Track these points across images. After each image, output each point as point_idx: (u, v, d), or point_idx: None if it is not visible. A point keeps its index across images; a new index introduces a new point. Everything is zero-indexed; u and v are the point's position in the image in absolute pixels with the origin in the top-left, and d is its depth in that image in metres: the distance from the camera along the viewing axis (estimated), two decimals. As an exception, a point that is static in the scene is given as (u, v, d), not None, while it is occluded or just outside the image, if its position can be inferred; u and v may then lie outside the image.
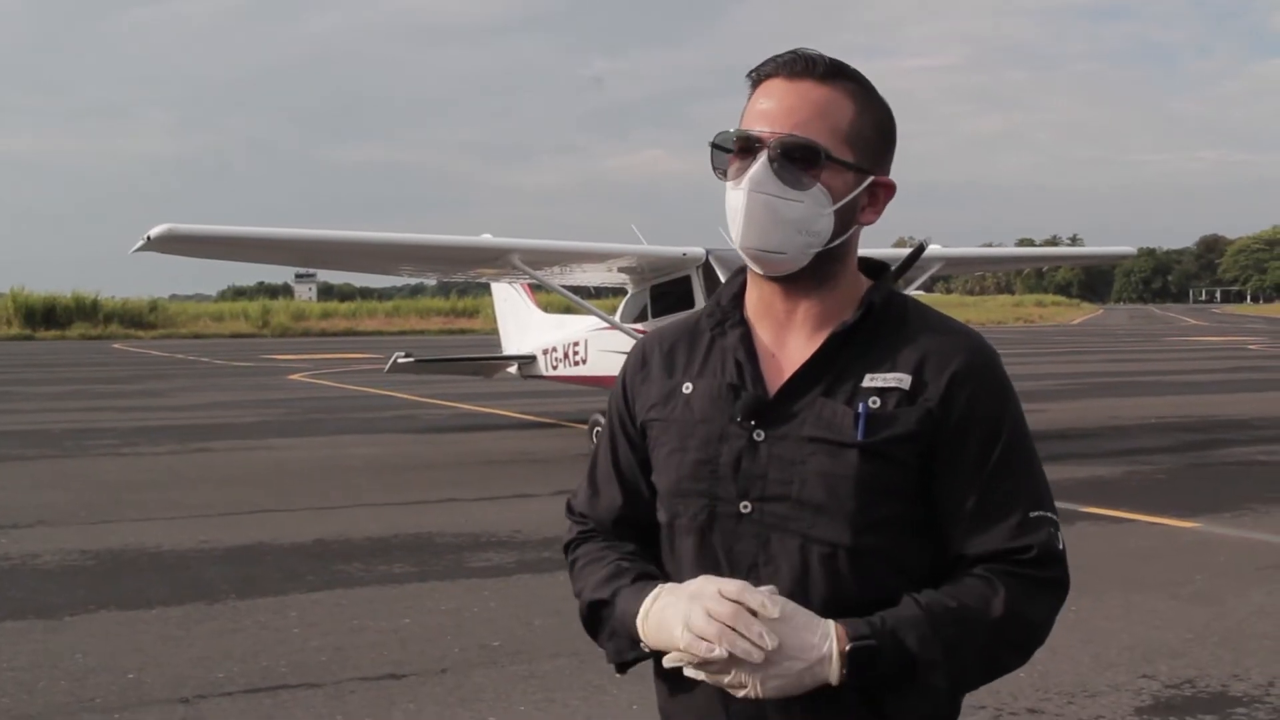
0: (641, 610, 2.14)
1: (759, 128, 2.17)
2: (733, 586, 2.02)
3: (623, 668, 2.28)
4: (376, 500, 12.77)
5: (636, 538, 2.38)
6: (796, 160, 2.14)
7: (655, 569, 2.30)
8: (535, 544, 10.17)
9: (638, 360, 2.41)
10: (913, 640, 2.05)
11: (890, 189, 2.26)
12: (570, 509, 2.51)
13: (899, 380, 2.16)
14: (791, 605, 2.04)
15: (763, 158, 2.15)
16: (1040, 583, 2.17)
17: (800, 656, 2.01)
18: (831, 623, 2.05)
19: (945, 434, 2.15)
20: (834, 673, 2.02)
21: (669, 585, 2.15)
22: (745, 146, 2.18)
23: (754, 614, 1.99)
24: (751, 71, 2.24)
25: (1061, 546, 2.20)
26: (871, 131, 2.21)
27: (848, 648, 2.03)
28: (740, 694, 2.02)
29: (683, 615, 2.04)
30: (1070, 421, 20.15)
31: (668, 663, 2.08)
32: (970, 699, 6.54)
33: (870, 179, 2.22)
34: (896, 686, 2.07)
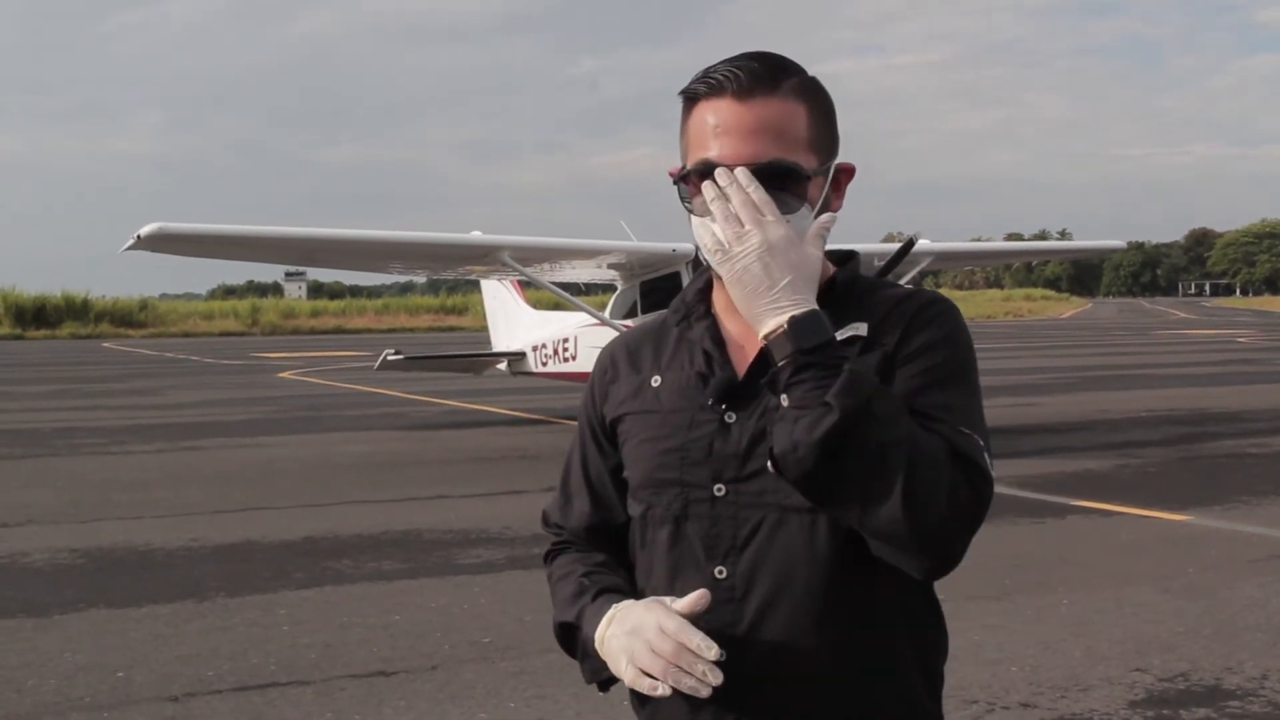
0: (597, 637, 2.15)
1: (722, 156, 2.09)
2: (672, 624, 2.00)
3: (603, 686, 2.25)
4: (366, 497, 12.74)
5: (608, 545, 2.36)
6: (778, 186, 2.07)
7: (620, 580, 2.28)
8: (525, 540, 10.14)
9: (605, 364, 2.40)
10: (857, 363, 1.95)
11: (850, 173, 2.24)
12: (546, 519, 2.49)
13: (855, 329, 2.11)
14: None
15: None
16: (960, 462, 1.98)
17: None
18: None
19: (897, 363, 2.09)
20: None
21: (621, 608, 2.12)
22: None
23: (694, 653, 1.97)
24: (687, 89, 2.15)
25: (988, 467, 2.03)
26: (825, 125, 2.18)
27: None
28: (704, 693, 1.97)
29: (625, 650, 2.04)
30: (1060, 415, 20.15)
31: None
32: (961, 694, 6.49)
33: (832, 171, 2.19)
34: (829, 392, 1.91)
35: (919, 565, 2.00)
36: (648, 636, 2.01)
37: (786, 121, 2.11)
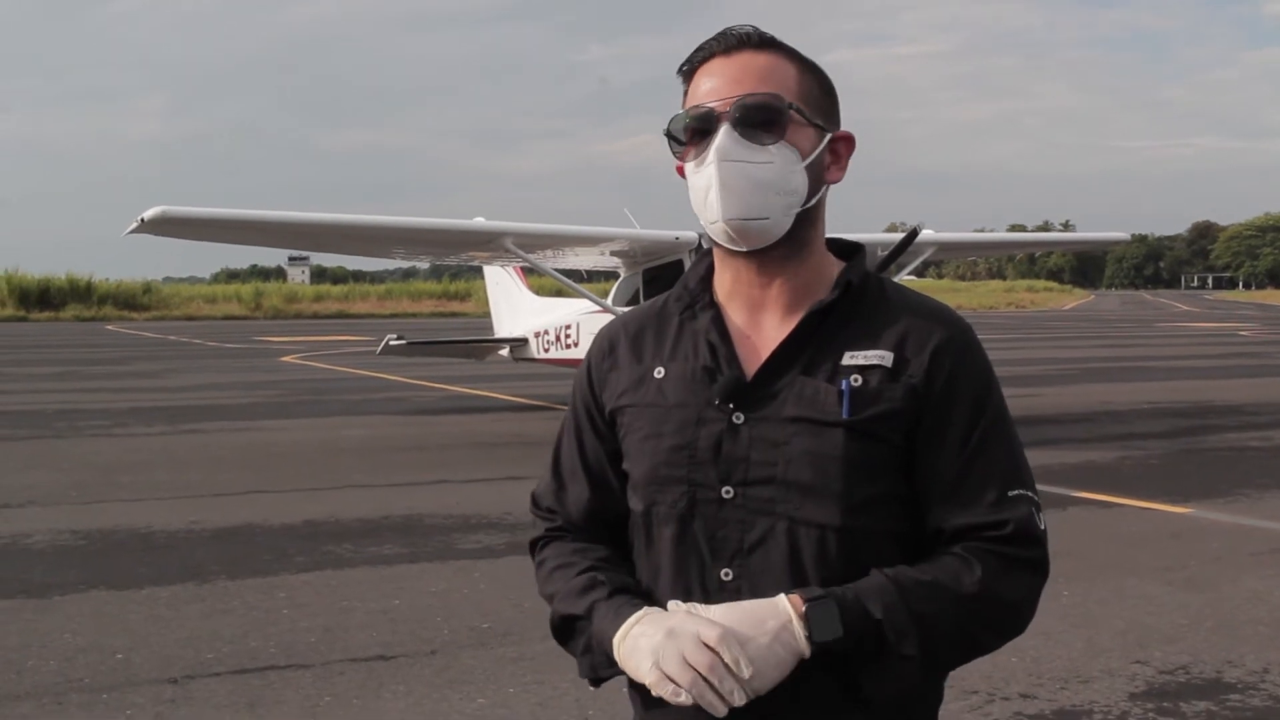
0: (620, 632, 2.07)
1: (707, 97, 2.13)
2: (713, 634, 1.94)
3: (597, 682, 2.23)
4: (367, 481, 12.75)
5: (607, 533, 2.31)
6: (758, 121, 2.11)
7: (631, 579, 2.24)
8: (525, 526, 9.98)
9: (604, 347, 2.34)
10: (876, 606, 2.00)
11: (850, 142, 2.25)
12: (536, 503, 2.44)
13: (881, 358, 2.11)
14: (734, 604, 2.02)
15: (724, 127, 2.10)
16: (1017, 561, 2.09)
17: (762, 630, 1.96)
18: (780, 595, 2.02)
19: (929, 409, 2.11)
20: (799, 636, 1.97)
21: (651, 611, 2.07)
22: (701, 126, 2.14)
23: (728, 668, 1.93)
24: (683, 64, 2.20)
25: (1042, 527, 2.14)
26: (818, 89, 2.20)
27: (804, 608, 1.98)
28: (721, 711, 1.94)
29: (655, 651, 1.97)
30: (1063, 406, 20.13)
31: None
32: (962, 684, 6.49)
33: (829, 135, 2.20)
34: (868, 657, 2.01)
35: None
36: (683, 645, 1.94)
37: (771, 70, 2.15)
